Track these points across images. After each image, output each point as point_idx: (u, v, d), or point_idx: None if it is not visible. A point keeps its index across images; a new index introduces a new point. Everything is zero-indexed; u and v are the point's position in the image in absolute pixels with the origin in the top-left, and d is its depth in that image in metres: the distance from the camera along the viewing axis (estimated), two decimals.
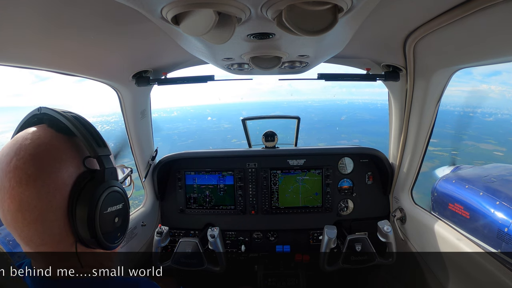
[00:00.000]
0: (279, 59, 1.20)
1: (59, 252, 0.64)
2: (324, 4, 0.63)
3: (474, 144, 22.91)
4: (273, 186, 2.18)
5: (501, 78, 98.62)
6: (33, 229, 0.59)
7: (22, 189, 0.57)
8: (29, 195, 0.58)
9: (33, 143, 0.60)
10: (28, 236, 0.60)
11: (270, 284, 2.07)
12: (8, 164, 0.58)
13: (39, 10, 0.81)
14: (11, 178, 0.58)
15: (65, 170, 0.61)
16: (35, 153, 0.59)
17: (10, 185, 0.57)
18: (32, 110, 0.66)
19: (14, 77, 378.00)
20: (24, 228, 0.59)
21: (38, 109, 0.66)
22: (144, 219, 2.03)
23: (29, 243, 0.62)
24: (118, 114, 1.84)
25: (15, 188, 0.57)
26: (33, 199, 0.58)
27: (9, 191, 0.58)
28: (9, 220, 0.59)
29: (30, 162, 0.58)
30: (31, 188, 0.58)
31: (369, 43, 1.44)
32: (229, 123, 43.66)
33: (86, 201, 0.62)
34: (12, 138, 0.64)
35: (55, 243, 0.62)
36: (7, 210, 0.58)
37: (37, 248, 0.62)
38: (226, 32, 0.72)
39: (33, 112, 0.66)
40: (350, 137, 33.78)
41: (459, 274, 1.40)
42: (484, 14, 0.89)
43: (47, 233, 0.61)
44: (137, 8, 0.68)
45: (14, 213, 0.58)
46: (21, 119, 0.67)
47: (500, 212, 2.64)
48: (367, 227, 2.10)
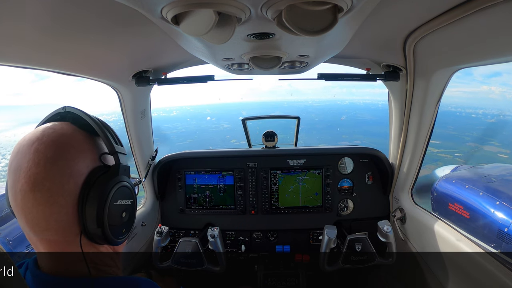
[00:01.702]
0: (279, 59, 1.20)
1: (63, 241, 0.64)
2: (324, 4, 0.63)
3: (478, 146, 22.90)
4: (273, 186, 2.18)
5: (502, 79, 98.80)
6: (41, 211, 0.60)
7: (38, 170, 0.60)
8: (44, 176, 0.60)
9: (56, 132, 0.65)
10: (35, 219, 0.61)
11: (270, 284, 2.07)
12: (29, 147, 0.61)
13: (39, 10, 0.81)
14: (30, 160, 0.60)
15: (82, 160, 0.65)
16: (57, 140, 0.63)
17: (28, 165, 0.60)
18: (57, 108, 0.72)
19: (14, 76, 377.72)
20: (32, 209, 0.60)
21: (62, 108, 0.71)
22: (144, 219, 2.03)
23: (34, 226, 0.62)
24: (118, 113, 1.84)
25: (31, 168, 0.60)
26: (47, 181, 0.60)
27: (26, 172, 0.60)
28: (19, 201, 0.61)
29: (50, 147, 0.62)
30: (47, 170, 0.60)
31: (369, 43, 1.44)
32: (228, 123, 43.63)
33: (98, 190, 0.64)
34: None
35: (60, 230, 0.63)
36: (19, 190, 0.60)
37: (41, 233, 0.63)
38: (226, 32, 0.72)
39: (58, 110, 0.71)
40: (351, 138, 33.72)
41: (459, 274, 1.40)
42: (484, 14, 0.89)
43: (54, 218, 0.62)
44: (137, 8, 0.68)
45: (26, 193, 0.60)
46: (45, 116, 0.71)
47: (500, 212, 2.64)
48: (367, 227, 2.10)
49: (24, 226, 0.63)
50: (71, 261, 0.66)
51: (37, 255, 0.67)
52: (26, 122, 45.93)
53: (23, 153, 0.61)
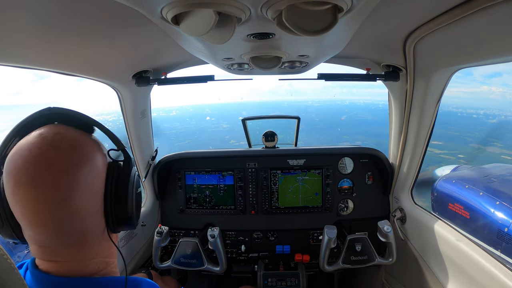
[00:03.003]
0: (279, 59, 1.20)
1: (90, 240, 0.66)
2: (324, 4, 0.63)
3: (481, 147, 22.83)
4: (273, 186, 2.18)
5: (502, 79, 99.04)
6: (77, 217, 0.61)
7: (68, 178, 0.59)
8: (76, 183, 0.60)
9: (65, 136, 0.62)
10: (70, 227, 0.61)
11: (270, 284, 2.07)
12: (41, 157, 0.58)
13: (40, 10, 0.81)
14: (49, 170, 0.58)
15: (100, 158, 0.67)
16: (73, 144, 0.62)
17: (52, 176, 0.57)
18: (39, 110, 0.67)
19: (14, 75, 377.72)
20: (67, 219, 0.60)
21: (47, 109, 0.67)
22: (144, 219, 2.03)
23: (66, 235, 0.62)
24: (117, 113, 1.84)
25: (58, 178, 0.58)
26: (80, 186, 0.60)
27: (50, 183, 0.57)
28: (47, 214, 0.58)
29: (71, 152, 0.61)
30: (76, 176, 0.60)
31: (369, 43, 1.44)
32: (228, 123, 43.62)
33: (123, 182, 0.69)
34: (20, 137, 0.63)
35: (92, 230, 0.66)
36: (47, 203, 0.57)
37: (73, 238, 0.63)
38: (226, 32, 0.72)
39: (42, 111, 0.67)
40: (352, 139, 33.64)
41: (459, 274, 1.40)
42: (484, 14, 0.89)
43: (90, 219, 0.64)
44: (137, 8, 0.68)
45: (58, 205, 0.58)
46: (25, 117, 0.67)
47: (500, 212, 2.64)
48: (367, 227, 2.10)
49: (50, 238, 0.61)
50: (83, 260, 0.66)
51: (40, 257, 0.65)
52: None
53: (31, 164, 0.57)
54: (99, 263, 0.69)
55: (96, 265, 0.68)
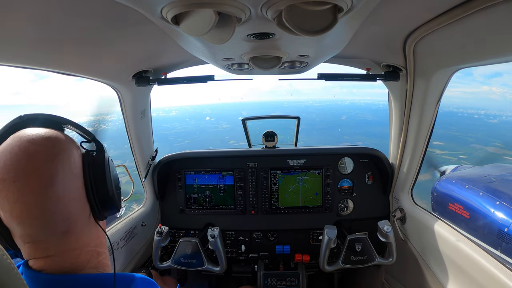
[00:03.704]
0: (279, 59, 1.20)
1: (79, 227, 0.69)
2: (324, 4, 0.63)
3: (482, 148, 22.71)
4: (273, 186, 2.18)
5: (502, 79, 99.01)
6: (62, 203, 0.65)
7: (48, 166, 0.63)
8: (56, 170, 0.64)
9: (40, 134, 0.66)
10: (57, 213, 0.64)
11: (270, 284, 2.07)
12: (21, 153, 0.62)
13: (40, 10, 0.81)
14: (31, 161, 0.62)
15: (74, 149, 0.71)
16: (49, 138, 0.67)
17: (34, 166, 0.61)
18: (11, 120, 0.72)
19: (14, 75, 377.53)
20: (51, 206, 0.63)
21: (19, 117, 0.72)
22: (144, 219, 2.03)
23: (53, 222, 0.64)
24: (117, 113, 1.84)
25: (40, 168, 0.62)
26: (60, 173, 0.65)
27: (32, 173, 0.61)
28: (32, 205, 0.61)
29: (49, 144, 0.66)
30: (56, 164, 0.64)
31: (369, 43, 1.44)
32: (228, 123, 43.57)
33: (100, 166, 0.74)
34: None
35: (79, 214, 0.69)
36: (31, 193, 0.61)
37: (62, 224, 0.66)
38: (226, 32, 0.72)
39: (14, 121, 0.71)
40: (353, 139, 33.54)
41: (459, 274, 1.40)
42: (484, 14, 0.89)
43: (73, 204, 0.67)
44: (137, 8, 0.68)
45: (41, 192, 0.61)
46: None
47: (500, 212, 2.63)
48: (367, 227, 2.10)
49: (39, 230, 0.63)
50: (73, 249, 0.68)
51: (33, 255, 0.66)
52: None
53: (12, 161, 0.61)
54: (90, 252, 0.71)
55: (87, 255, 0.70)
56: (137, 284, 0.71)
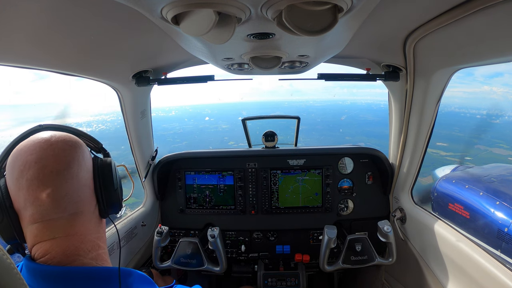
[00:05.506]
0: (279, 59, 1.20)
1: (87, 212, 0.75)
2: (324, 4, 0.63)
3: (487, 149, 22.48)
4: (273, 186, 2.18)
5: (503, 79, 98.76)
6: (71, 184, 0.71)
7: (65, 153, 0.71)
8: (71, 158, 0.72)
9: (57, 135, 0.74)
10: (69, 193, 0.71)
11: (270, 284, 2.07)
12: (40, 147, 0.70)
13: (40, 10, 0.81)
14: (50, 151, 0.70)
15: (87, 150, 0.80)
16: (65, 137, 0.75)
17: (53, 153, 0.70)
18: (31, 127, 0.81)
19: (14, 75, 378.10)
20: (64, 185, 0.70)
21: (38, 126, 0.81)
22: (144, 219, 2.03)
23: (65, 202, 0.70)
24: (117, 113, 1.84)
25: (59, 155, 0.70)
26: (75, 161, 0.73)
27: (50, 157, 0.69)
28: (49, 182, 0.68)
29: (66, 141, 0.74)
30: (72, 154, 0.73)
31: (369, 43, 1.44)
32: (227, 123, 43.46)
33: (106, 168, 0.82)
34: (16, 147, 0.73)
35: (86, 201, 0.75)
36: (49, 172, 0.68)
37: (71, 206, 0.71)
38: (226, 32, 0.72)
39: (34, 128, 0.80)
40: (354, 140, 33.33)
41: (459, 274, 1.40)
42: (484, 14, 0.89)
43: (83, 190, 0.74)
44: (137, 8, 0.68)
45: (58, 173, 0.69)
46: (20, 133, 0.80)
47: (500, 212, 2.63)
48: (367, 227, 2.10)
49: (52, 208, 0.68)
50: (78, 234, 0.72)
51: (40, 238, 0.69)
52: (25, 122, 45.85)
53: (35, 147, 0.69)
54: (92, 242, 0.75)
55: (89, 243, 0.74)
56: (135, 277, 0.74)
